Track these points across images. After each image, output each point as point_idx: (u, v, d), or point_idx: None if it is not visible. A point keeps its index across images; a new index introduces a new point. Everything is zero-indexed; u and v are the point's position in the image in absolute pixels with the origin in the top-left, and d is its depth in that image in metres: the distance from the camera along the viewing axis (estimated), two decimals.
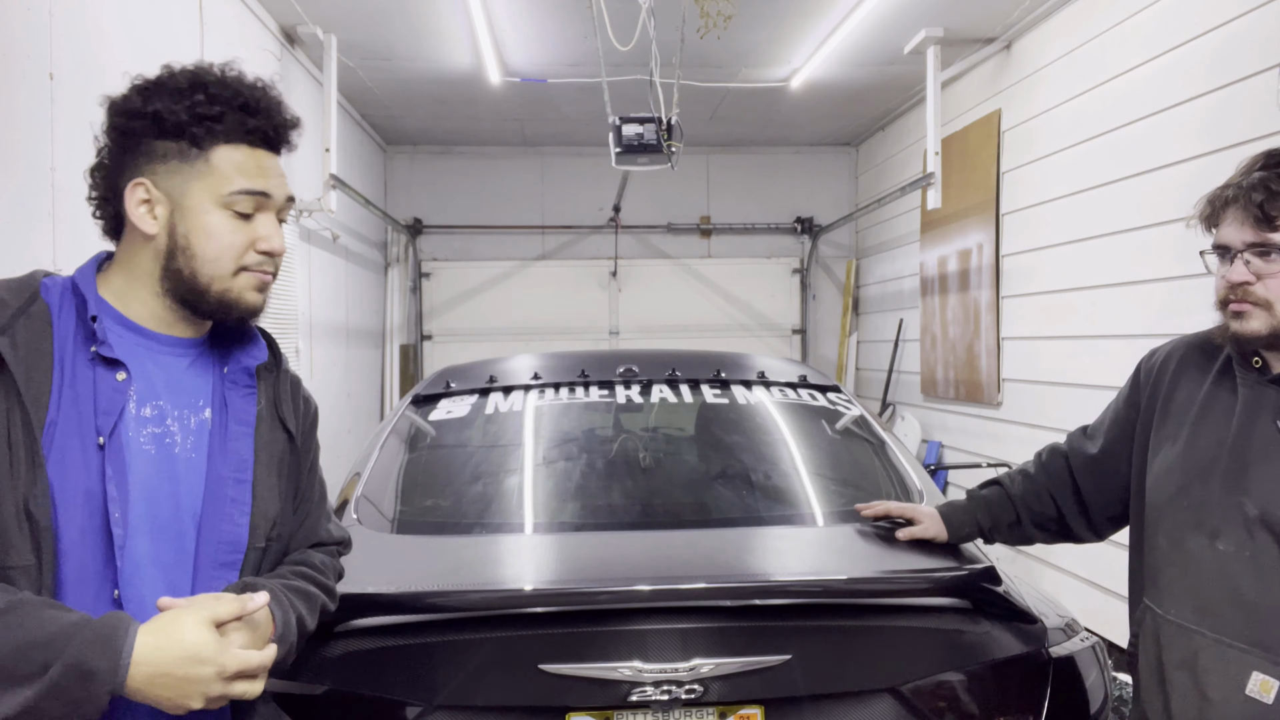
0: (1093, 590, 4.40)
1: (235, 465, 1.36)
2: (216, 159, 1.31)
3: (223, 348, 1.42)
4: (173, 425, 1.32)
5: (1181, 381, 1.75)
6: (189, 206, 1.30)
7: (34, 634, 1.09)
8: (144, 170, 1.31)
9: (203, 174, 1.30)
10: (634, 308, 8.56)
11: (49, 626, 1.10)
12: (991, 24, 5.23)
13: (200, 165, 1.30)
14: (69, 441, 1.22)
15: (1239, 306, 1.59)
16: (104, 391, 1.26)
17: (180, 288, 1.31)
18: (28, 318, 1.24)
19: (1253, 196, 1.57)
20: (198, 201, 1.30)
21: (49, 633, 1.09)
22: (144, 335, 1.33)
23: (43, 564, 1.17)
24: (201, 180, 1.30)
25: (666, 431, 2.82)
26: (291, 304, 5.22)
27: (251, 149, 1.34)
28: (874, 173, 8.09)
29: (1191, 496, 1.65)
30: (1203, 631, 1.60)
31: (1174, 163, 3.90)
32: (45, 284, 1.30)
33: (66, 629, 1.10)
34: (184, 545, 1.30)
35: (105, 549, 1.23)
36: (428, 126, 7.71)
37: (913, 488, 2.42)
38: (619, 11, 4.44)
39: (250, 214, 1.33)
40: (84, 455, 1.23)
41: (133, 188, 1.30)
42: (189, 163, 1.30)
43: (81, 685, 1.09)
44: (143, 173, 1.31)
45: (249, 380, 1.42)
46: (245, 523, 1.35)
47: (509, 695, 1.68)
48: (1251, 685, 1.53)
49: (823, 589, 1.79)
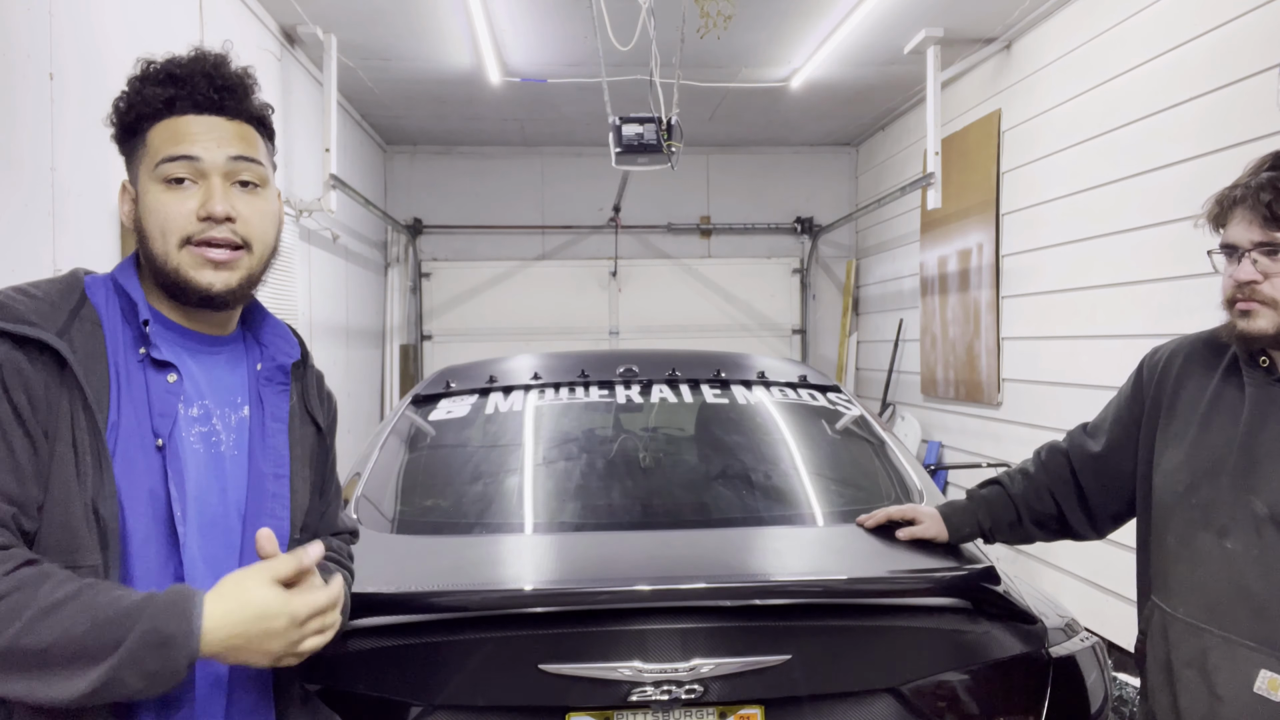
0: (1093, 590, 4.40)
1: (274, 461, 1.39)
2: (151, 138, 1.32)
3: (253, 345, 1.44)
4: (217, 424, 1.34)
5: (1187, 380, 1.76)
6: (140, 191, 1.32)
7: (106, 611, 1.10)
8: (127, 170, 1.36)
9: (142, 157, 1.32)
10: (634, 308, 8.56)
11: (120, 603, 1.11)
12: (991, 24, 5.23)
13: (141, 150, 1.32)
14: (131, 443, 1.24)
15: (1246, 305, 1.60)
16: (158, 394, 1.28)
17: (154, 275, 1.32)
18: (80, 320, 1.25)
19: (1261, 196, 1.57)
20: (142, 184, 1.31)
21: (121, 608, 1.11)
22: (183, 334, 1.35)
23: (109, 563, 1.19)
24: (142, 163, 1.32)
25: (666, 431, 2.82)
26: (291, 304, 5.22)
27: (181, 118, 1.31)
28: (874, 173, 8.09)
29: (1200, 495, 1.65)
30: (1211, 629, 1.61)
31: (1174, 163, 3.90)
32: (89, 283, 1.31)
33: (138, 603, 1.12)
34: (231, 540, 1.34)
35: (167, 547, 1.26)
36: (428, 126, 7.71)
37: (913, 488, 2.42)
38: (619, 11, 4.44)
39: (182, 180, 1.30)
40: (145, 457, 1.25)
41: (121, 187, 1.36)
42: (137, 150, 1.32)
43: (157, 654, 1.10)
44: (127, 174, 1.36)
45: (283, 377, 1.44)
46: (286, 516, 1.39)
47: (509, 695, 1.68)
48: (1260, 683, 1.54)
49: (823, 589, 1.78)
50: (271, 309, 1.53)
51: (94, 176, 3.25)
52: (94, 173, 3.25)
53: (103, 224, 3.34)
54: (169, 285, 1.31)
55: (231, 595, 1.17)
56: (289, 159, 5.31)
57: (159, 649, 1.10)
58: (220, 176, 1.31)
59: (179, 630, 1.11)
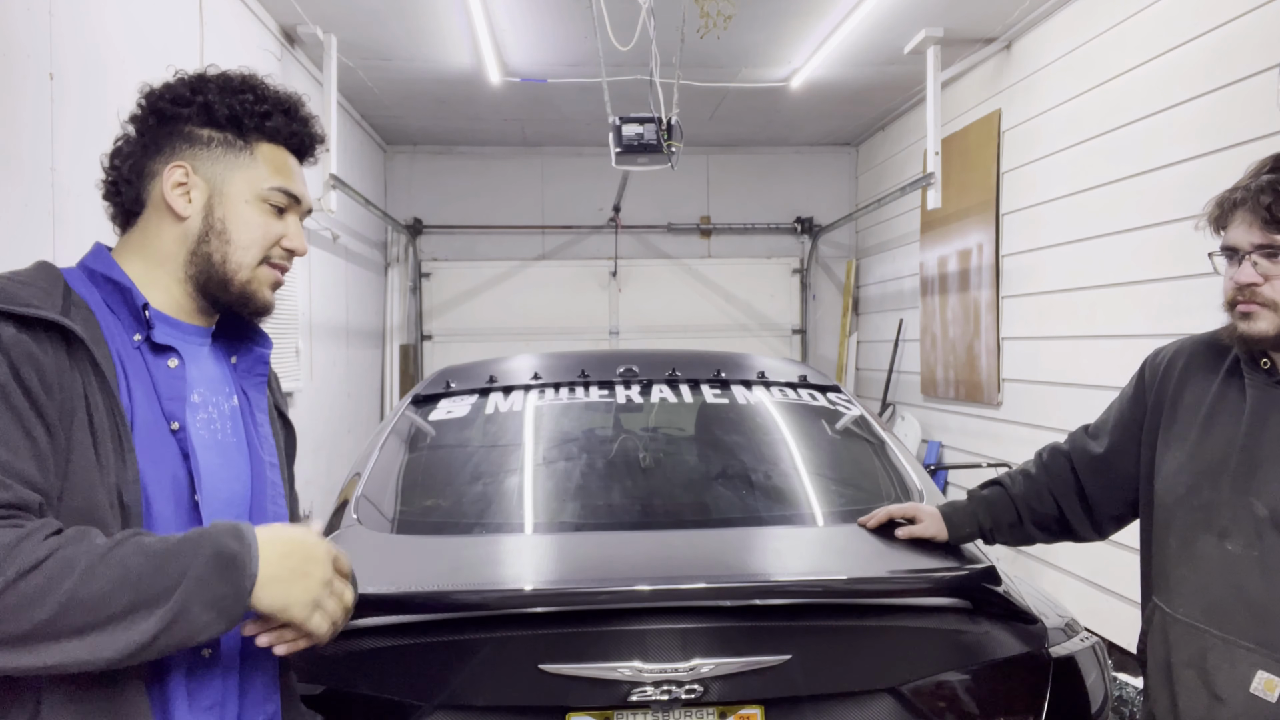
0: (1093, 590, 4.40)
1: (270, 451, 1.42)
2: (260, 154, 1.36)
3: (228, 340, 1.44)
4: (213, 412, 1.35)
5: (1189, 382, 1.76)
6: (229, 194, 1.33)
7: (160, 546, 1.10)
8: (183, 154, 1.33)
9: (246, 166, 1.35)
10: (634, 308, 8.56)
11: (172, 540, 1.11)
12: (991, 24, 5.23)
13: (245, 157, 1.35)
14: (147, 427, 1.24)
15: (1247, 308, 1.60)
16: (163, 378, 1.28)
17: (205, 272, 1.33)
18: (75, 306, 1.23)
19: (1261, 199, 1.58)
20: (238, 190, 1.34)
21: (175, 542, 1.11)
22: (172, 324, 1.34)
23: None
24: (244, 171, 1.35)
25: (666, 431, 2.82)
26: (291, 304, 5.22)
27: (288, 152, 1.40)
28: (874, 173, 8.09)
29: (1201, 497, 1.66)
30: (1211, 631, 1.61)
31: (1174, 163, 3.90)
32: (66, 273, 1.30)
33: (191, 536, 1.12)
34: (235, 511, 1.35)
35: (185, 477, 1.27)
36: (428, 126, 7.71)
37: (913, 488, 2.42)
38: (619, 11, 4.44)
39: (282, 211, 1.38)
40: (163, 440, 1.25)
41: (171, 169, 1.32)
42: (234, 153, 1.35)
43: (223, 576, 1.10)
44: (182, 156, 1.33)
45: (262, 370, 1.47)
46: (283, 504, 1.41)
47: (509, 695, 1.68)
48: (1256, 684, 1.54)
49: (823, 589, 1.78)
50: None
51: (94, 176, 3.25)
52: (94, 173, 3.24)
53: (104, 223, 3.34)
54: (225, 289, 1.33)
55: (275, 530, 1.20)
56: None
57: (225, 570, 1.10)
58: (300, 218, 1.42)
59: (240, 550, 1.12)
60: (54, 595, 1.03)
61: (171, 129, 1.35)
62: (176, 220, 1.32)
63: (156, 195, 1.33)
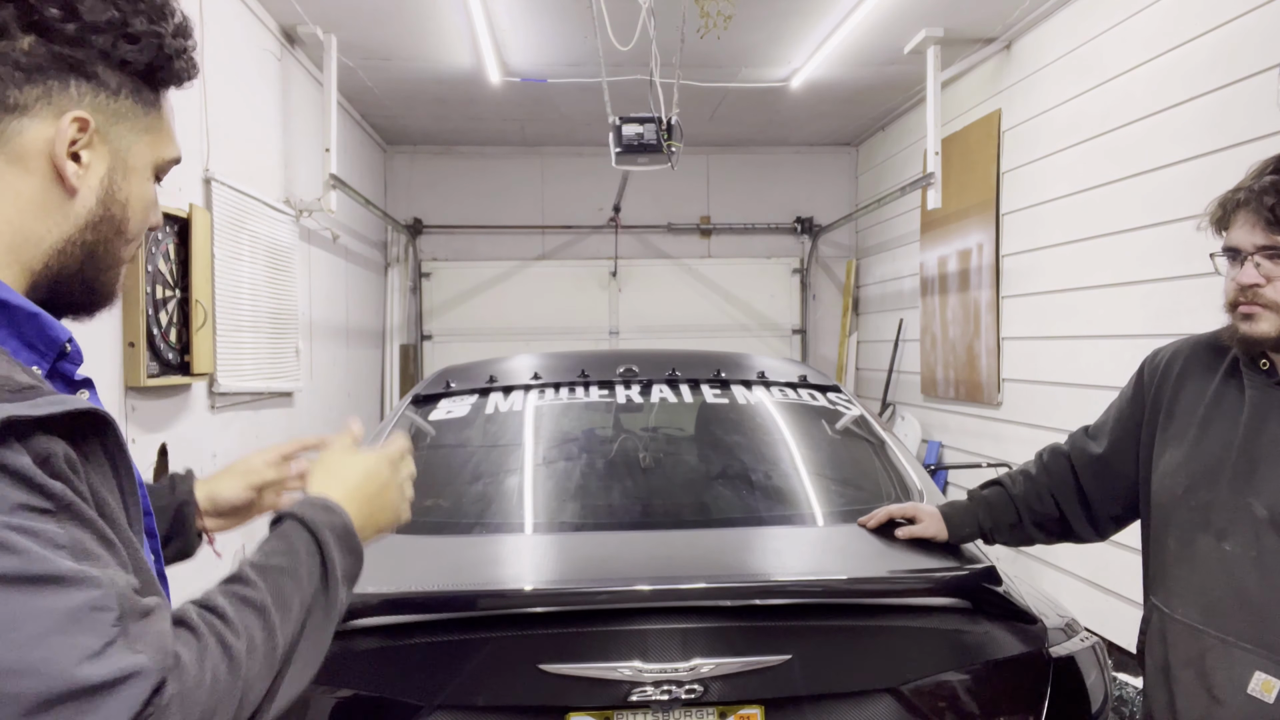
0: (1093, 590, 4.40)
1: None
2: (164, 111, 1.02)
3: None
4: None
5: (1187, 382, 1.76)
6: (134, 167, 0.99)
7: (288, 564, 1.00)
8: (84, 101, 0.94)
9: (152, 129, 1.01)
10: (634, 308, 8.56)
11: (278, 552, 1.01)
12: (991, 24, 5.23)
13: (151, 116, 1.00)
14: None
15: (1248, 309, 1.60)
16: None
17: (78, 267, 0.97)
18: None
19: (1264, 200, 1.57)
20: (142, 162, 1.00)
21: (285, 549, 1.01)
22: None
23: None
24: (149, 136, 1.00)
25: (666, 431, 2.82)
26: (291, 304, 5.21)
27: (168, 93, 1.04)
28: (874, 173, 8.09)
29: (1199, 497, 1.65)
30: (1209, 631, 1.61)
31: (1174, 163, 3.90)
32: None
33: (297, 532, 1.03)
34: None
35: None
36: (428, 126, 7.71)
37: (913, 488, 2.42)
38: (619, 11, 4.44)
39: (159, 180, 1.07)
40: None
41: (69, 121, 0.92)
42: (140, 109, 0.99)
43: (347, 553, 1.06)
44: (83, 104, 0.94)
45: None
46: None
47: (509, 695, 1.68)
48: (1254, 685, 1.54)
49: (823, 589, 1.79)
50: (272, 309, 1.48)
51: None
52: None
53: None
54: (89, 288, 1.00)
55: (339, 473, 1.15)
56: (289, 159, 5.31)
57: (344, 543, 1.06)
58: None
59: (343, 518, 1.07)
60: (258, 672, 0.90)
61: (70, 57, 0.92)
62: (59, 193, 0.93)
63: (24, 146, 0.91)
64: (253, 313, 4.55)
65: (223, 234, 4.21)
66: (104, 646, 0.77)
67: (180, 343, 3.88)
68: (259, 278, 4.64)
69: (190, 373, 3.92)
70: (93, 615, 0.77)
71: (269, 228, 4.80)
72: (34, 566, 0.76)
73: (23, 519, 0.78)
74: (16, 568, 0.76)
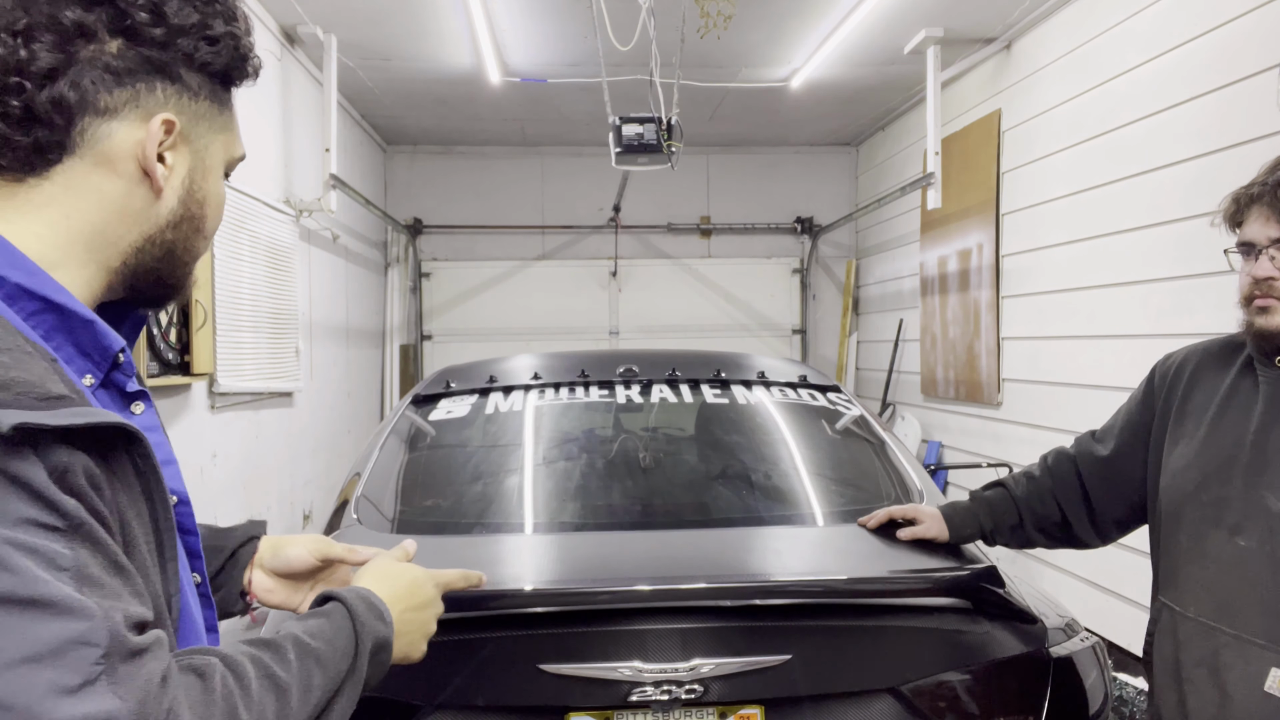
0: (1093, 590, 4.40)
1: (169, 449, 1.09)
2: (233, 109, 1.04)
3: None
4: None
5: (1199, 383, 1.75)
6: (211, 167, 1.01)
7: (325, 651, 0.99)
8: (171, 103, 0.95)
9: (225, 128, 1.02)
10: (634, 308, 8.56)
11: (323, 632, 1.01)
12: (991, 24, 5.23)
13: (226, 116, 1.02)
14: None
15: (1264, 302, 1.59)
16: None
17: (157, 265, 0.98)
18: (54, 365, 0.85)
19: (1278, 193, 1.57)
20: (217, 161, 1.02)
21: (330, 640, 1.01)
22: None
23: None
24: (223, 135, 1.02)
25: (666, 431, 2.82)
26: (291, 304, 5.21)
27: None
28: (874, 173, 8.09)
29: (1210, 493, 1.64)
30: (1223, 628, 1.59)
31: (1174, 163, 3.90)
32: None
33: (344, 625, 1.04)
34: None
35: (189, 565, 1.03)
36: (428, 126, 7.71)
37: (913, 488, 2.42)
38: (619, 11, 4.44)
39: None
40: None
41: (160, 123, 0.93)
42: (216, 110, 1.00)
43: (376, 664, 1.06)
44: (170, 106, 0.95)
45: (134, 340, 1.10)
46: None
47: (509, 695, 1.68)
48: (1270, 682, 1.52)
49: (823, 589, 1.78)
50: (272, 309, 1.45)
51: None
52: None
53: None
54: (165, 285, 1.01)
55: (390, 584, 1.16)
56: (289, 159, 5.31)
57: (377, 656, 1.07)
58: None
59: (388, 632, 1.09)
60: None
61: (158, 60, 0.93)
62: (146, 193, 0.94)
63: (112, 149, 0.92)
64: (253, 313, 4.56)
65: (223, 234, 4.21)
66: (81, 685, 0.72)
67: (180, 343, 3.88)
68: (259, 278, 4.65)
69: (190, 373, 3.92)
70: (76, 650, 0.73)
71: (269, 228, 4.80)
72: (25, 588, 0.73)
73: (26, 534, 0.74)
74: (7, 587, 0.72)
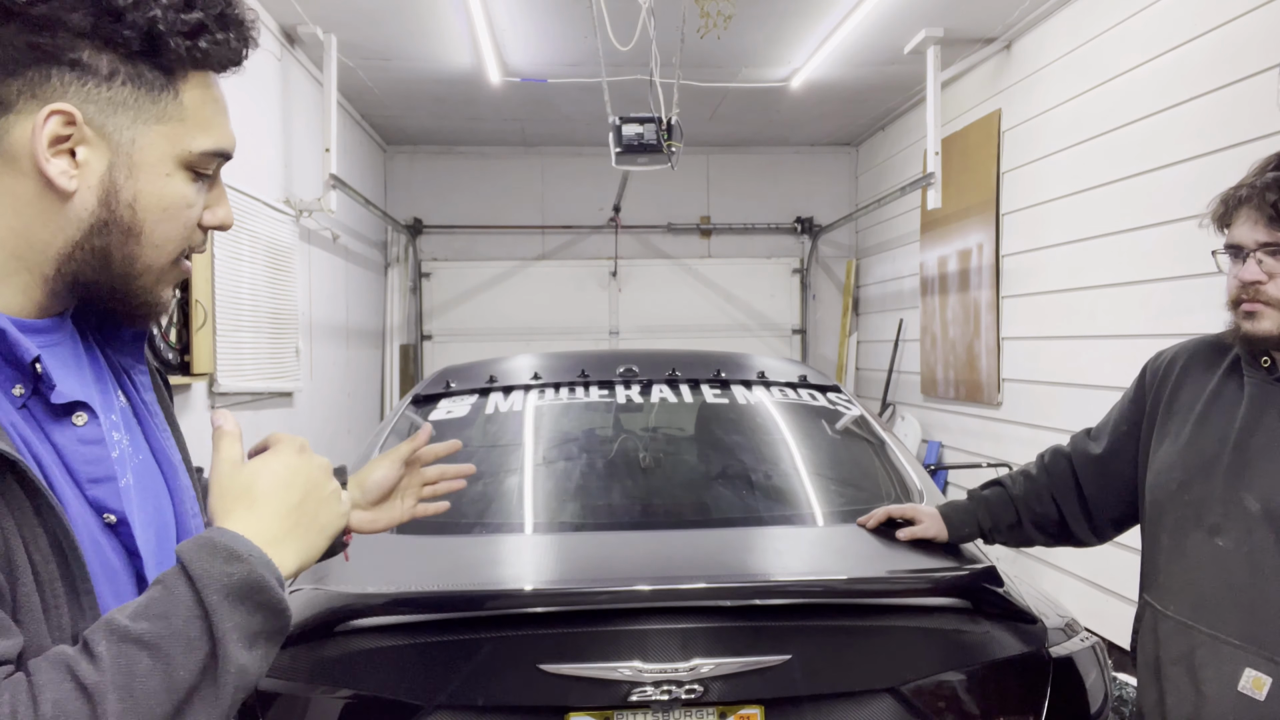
0: (1093, 590, 4.40)
1: (171, 448, 1.05)
2: (187, 97, 0.91)
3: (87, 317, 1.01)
4: (117, 435, 0.95)
5: (1187, 381, 1.76)
6: (142, 163, 0.89)
7: (151, 633, 0.79)
8: (68, 92, 0.85)
9: (169, 116, 0.90)
10: (634, 308, 8.56)
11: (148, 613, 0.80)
12: (991, 24, 5.23)
13: (166, 102, 0.89)
14: (79, 534, 0.86)
15: (1251, 306, 1.59)
16: (75, 453, 0.88)
17: (94, 276, 0.90)
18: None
19: (1266, 196, 1.57)
20: (156, 156, 0.89)
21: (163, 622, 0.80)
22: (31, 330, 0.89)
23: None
24: (165, 125, 0.89)
25: (666, 431, 2.82)
26: (291, 304, 5.21)
27: (210, 76, 0.94)
28: (874, 173, 8.09)
29: (1192, 492, 1.65)
30: (1199, 627, 1.60)
31: (1174, 163, 3.90)
32: None
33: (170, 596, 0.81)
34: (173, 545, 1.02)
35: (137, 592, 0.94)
36: (428, 126, 7.71)
37: (913, 488, 2.42)
38: (619, 11, 4.44)
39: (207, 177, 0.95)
40: (95, 543, 0.88)
41: (47, 115, 0.84)
42: (149, 95, 0.88)
43: (248, 609, 0.82)
44: (66, 95, 0.85)
45: (140, 342, 1.04)
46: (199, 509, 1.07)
47: (509, 695, 1.68)
48: (1244, 682, 1.53)
49: (823, 589, 1.79)
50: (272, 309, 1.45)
51: None
52: None
53: None
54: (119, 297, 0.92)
55: (242, 490, 0.91)
56: (289, 159, 5.31)
57: (243, 601, 0.82)
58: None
59: (243, 569, 0.83)
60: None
61: (46, 44, 0.83)
62: (53, 196, 0.86)
63: (13, 146, 0.85)
64: (253, 313, 4.55)
65: (223, 234, 4.21)
66: None
67: (180, 343, 3.88)
68: (259, 278, 4.64)
69: (190, 373, 3.92)
70: None
71: (269, 228, 4.80)
72: None
73: None
74: None
